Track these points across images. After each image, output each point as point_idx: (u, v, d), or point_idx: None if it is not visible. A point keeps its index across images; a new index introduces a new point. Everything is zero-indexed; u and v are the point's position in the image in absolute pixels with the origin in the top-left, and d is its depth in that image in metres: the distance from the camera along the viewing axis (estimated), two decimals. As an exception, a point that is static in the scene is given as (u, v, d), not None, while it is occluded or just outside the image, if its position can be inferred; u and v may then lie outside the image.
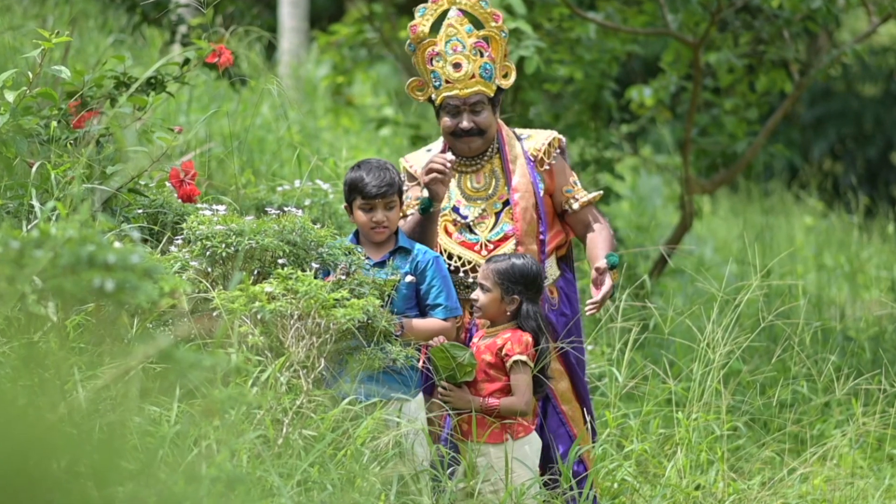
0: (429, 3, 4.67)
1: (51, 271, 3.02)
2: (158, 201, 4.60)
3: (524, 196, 4.64)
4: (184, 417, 3.63)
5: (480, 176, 4.69)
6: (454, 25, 4.61)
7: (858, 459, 5.53)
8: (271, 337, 4.04)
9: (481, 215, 4.67)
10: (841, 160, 17.04)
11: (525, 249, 4.59)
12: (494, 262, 4.44)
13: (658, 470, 5.23)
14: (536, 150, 4.72)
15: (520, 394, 4.32)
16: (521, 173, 4.67)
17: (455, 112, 4.61)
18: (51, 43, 4.45)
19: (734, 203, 13.11)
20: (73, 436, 3.14)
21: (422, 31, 4.64)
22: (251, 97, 8.51)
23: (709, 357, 5.00)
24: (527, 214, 4.63)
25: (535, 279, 4.42)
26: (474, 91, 4.58)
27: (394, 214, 4.41)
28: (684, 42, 8.08)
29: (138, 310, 3.89)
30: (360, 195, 4.40)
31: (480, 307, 4.42)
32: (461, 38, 4.60)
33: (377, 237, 4.42)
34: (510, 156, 4.68)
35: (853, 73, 16.60)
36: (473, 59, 4.59)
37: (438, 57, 4.60)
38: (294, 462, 3.72)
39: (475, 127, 4.61)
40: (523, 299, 4.38)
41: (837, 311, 8.16)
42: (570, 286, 4.81)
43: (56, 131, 4.44)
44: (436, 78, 4.62)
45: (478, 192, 4.69)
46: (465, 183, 4.70)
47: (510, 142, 4.71)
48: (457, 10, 4.65)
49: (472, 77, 4.59)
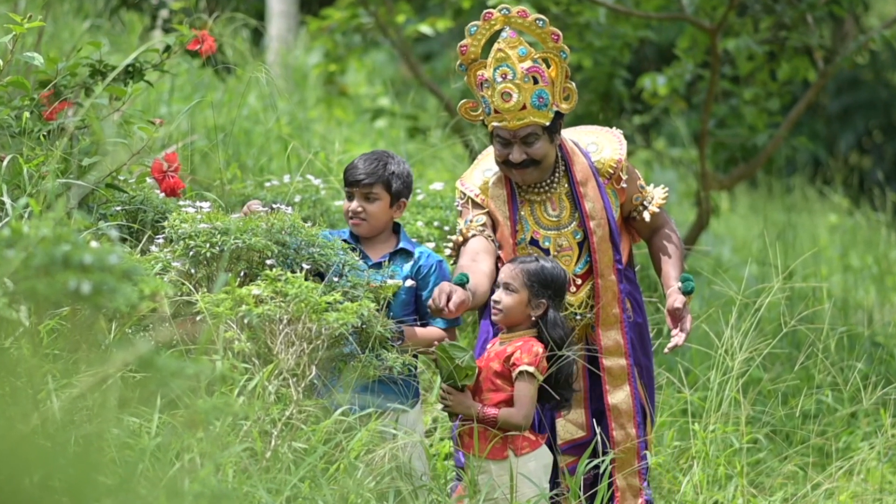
0: (480, 22, 4.54)
1: (23, 272, 3.02)
2: (138, 198, 4.60)
3: (600, 224, 4.58)
4: (165, 429, 3.63)
5: (554, 202, 4.61)
6: (504, 50, 4.46)
7: (887, 474, 5.53)
8: (259, 343, 4.04)
9: (563, 248, 4.61)
10: (868, 154, 17.05)
11: (604, 282, 4.56)
12: (522, 262, 4.40)
13: (673, 486, 5.24)
14: (612, 167, 4.63)
15: (520, 405, 4.27)
16: (593, 197, 4.59)
17: (506, 143, 4.50)
18: (23, 28, 4.45)
19: (754, 200, 13.12)
20: (46, 448, 3.14)
21: (472, 52, 4.53)
22: (237, 86, 8.51)
23: (727, 364, 5.01)
24: (603, 245, 4.58)
25: (563, 287, 4.41)
26: (525, 123, 4.46)
27: (374, 208, 4.44)
28: (701, 27, 8.08)
29: (116, 314, 3.89)
30: (344, 181, 4.51)
31: (503, 309, 4.36)
32: (511, 64, 4.44)
33: (354, 228, 4.48)
34: (579, 177, 4.58)
35: (882, 61, 16.59)
36: (525, 88, 4.44)
37: (487, 83, 4.49)
38: (283, 477, 3.72)
39: (528, 158, 4.50)
40: (550, 305, 4.37)
41: (864, 316, 8.17)
42: (635, 289, 4.78)
43: (28, 123, 4.45)
44: (486, 104, 4.52)
45: (554, 222, 4.61)
46: (540, 212, 4.61)
47: (576, 160, 4.60)
48: (510, 30, 4.50)
49: (523, 108, 4.45)
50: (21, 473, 2.84)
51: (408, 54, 9.09)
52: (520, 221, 4.61)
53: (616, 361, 4.60)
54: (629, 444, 4.60)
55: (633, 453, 4.61)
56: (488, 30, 4.55)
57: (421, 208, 6.06)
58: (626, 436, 4.61)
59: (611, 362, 4.59)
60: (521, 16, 4.52)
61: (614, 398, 4.60)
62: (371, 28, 9.03)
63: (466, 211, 4.65)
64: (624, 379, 4.60)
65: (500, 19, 4.52)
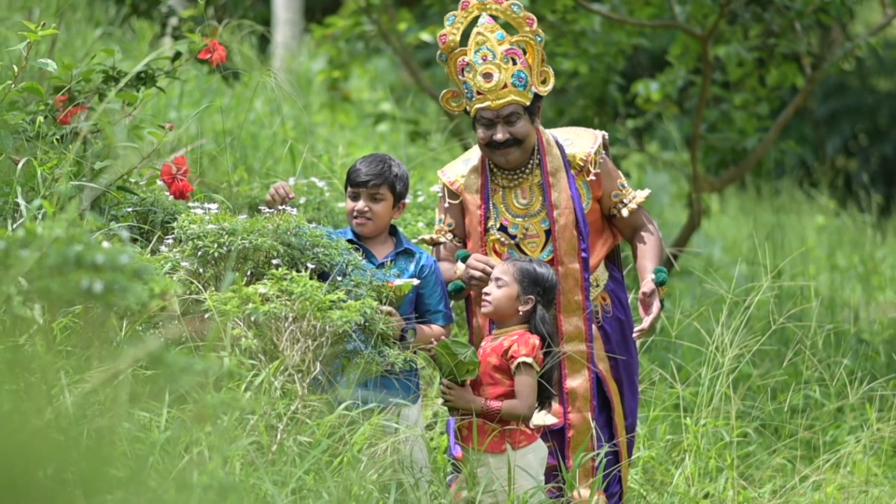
0: (458, 11, 4.57)
1: (37, 272, 3.02)
2: (149, 199, 4.60)
3: (563, 213, 4.58)
4: (174, 423, 3.63)
5: (525, 191, 4.63)
6: (483, 33, 4.51)
7: (873, 467, 5.53)
8: (265, 340, 4.04)
9: (529, 234, 4.63)
10: (854, 157, 17.05)
11: (565, 269, 4.55)
12: (516, 260, 4.42)
13: (665, 478, 5.23)
14: (582, 160, 4.63)
15: (522, 397, 4.29)
16: (561, 188, 4.59)
17: (489, 124, 4.52)
18: (37, 35, 4.45)
19: (744, 201, 13.11)
20: (59, 442, 3.14)
21: (452, 40, 4.54)
22: (244, 92, 8.51)
23: (718, 361, 5.01)
24: (566, 233, 4.57)
25: (552, 289, 4.41)
26: (507, 102, 4.49)
27: (379, 208, 4.43)
28: (692, 34, 8.08)
29: (127, 312, 3.89)
30: (350, 182, 4.46)
31: (492, 301, 4.37)
32: (491, 46, 4.49)
33: (358, 227, 4.45)
34: (550, 168, 4.60)
35: (868, 67, 16.60)
36: (505, 68, 4.48)
37: (469, 67, 4.51)
38: (289, 469, 3.72)
39: (511, 138, 4.52)
40: (538, 303, 4.38)
41: (851, 314, 8.16)
42: (619, 287, 4.78)
43: (42, 127, 4.45)
44: (468, 89, 4.53)
45: (523, 209, 4.63)
46: (510, 199, 4.63)
47: (550, 151, 4.62)
48: (487, 17, 4.55)
49: (504, 87, 4.49)
50: (35, 466, 2.84)
51: (409, 61, 9.09)
52: (491, 208, 4.62)
53: (576, 347, 4.59)
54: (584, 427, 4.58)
55: (585, 435, 4.59)
56: (466, 18, 4.58)
57: (421, 209, 6.06)
58: (582, 419, 4.59)
59: (570, 347, 4.58)
60: (497, 2, 4.57)
61: (572, 382, 4.59)
62: (373, 36, 9.03)
63: (442, 202, 4.71)
64: (583, 364, 4.58)
65: (477, 6, 4.57)
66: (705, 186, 8.63)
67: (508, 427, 4.29)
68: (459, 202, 4.68)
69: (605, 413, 4.63)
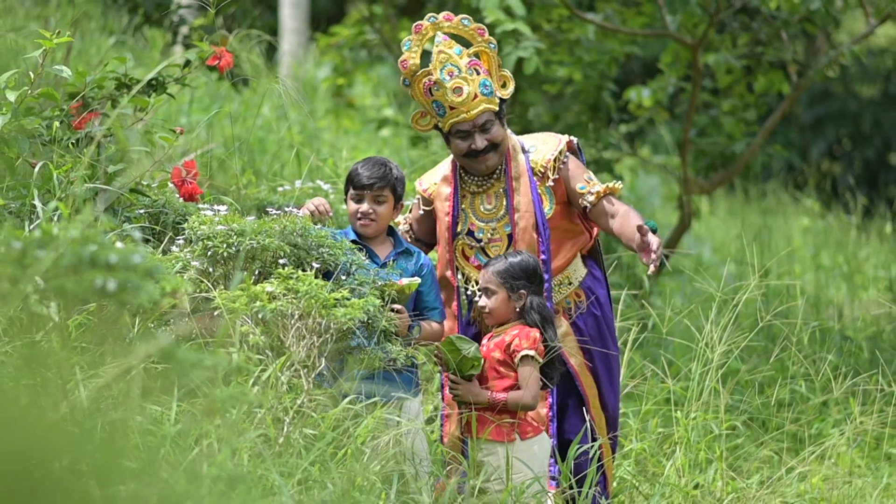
0: (413, 35, 4.58)
1: (53, 271, 3.02)
2: (160, 202, 4.60)
3: (523, 216, 4.58)
4: (185, 416, 3.63)
5: (491, 197, 4.64)
6: (444, 51, 4.53)
7: (856, 458, 5.53)
8: (272, 336, 4.04)
9: (493, 238, 4.64)
10: (839, 161, 17.04)
11: None
12: (492, 265, 4.43)
13: (657, 469, 5.23)
14: (542, 167, 4.63)
15: (527, 387, 4.33)
16: (523, 192, 4.60)
17: (466, 135, 4.55)
18: (52, 43, 4.45)
19: (732, 203, 13.11)
20: (74, 435, 3.14)
21: (413, 64, 4.54)
22: (252, 98, 8.51)
23: (707, 356, 5.00)
24: (526, 235, 4.57)
25: (535, 271, 4.42)
26: (481, 111, 4.52)
27: (382, 209, 4.43)
28: (683, 43, 8.08)
29: (140, 309, 3.89)
30: (352, 184, 4.45)
31: (490, 311, 4.41)
32: (454, 62, 4.52)
33: (361, 228, 4.44)
34: (514, 173, 4.61)
35: (851, 75, 16.60)
36: (471, 80, 4.52)
37: (437, 86, 4.52)
38: (295, 461, 3.72)
39: (489, 143, 4.55)
40: (529, 293, 4.39)
41: (835, 311, 8.17)
42: (598, 284, 4.75)
43: (58, 132, 4.44)
44: (438, 107, 4.55)
45: (489, 214, 4.64)
46: (477, 205, 4.65)
47: (515, 157, 4.63)
48: (442, 35, 4.57)
49: (475, 97, 4.52)
50: (51, 457, 2.84)
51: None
52: (461, 214, 4.64)
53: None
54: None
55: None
56: (422, 40, 4.59)
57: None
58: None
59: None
60: (447, 19, 4.60)
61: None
62: (376, 44, 9.02)
63: (416, 208, 4.77)
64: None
65: (430, 27, 4.59)
66: (695, 189, 8.63)
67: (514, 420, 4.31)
68: (431, 209, 4.71)
69: (580, 409, 4.62)
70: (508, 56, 6.96)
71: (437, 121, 4.60)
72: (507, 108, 4.65)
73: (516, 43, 7.21)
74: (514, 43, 7.15)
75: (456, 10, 8.16)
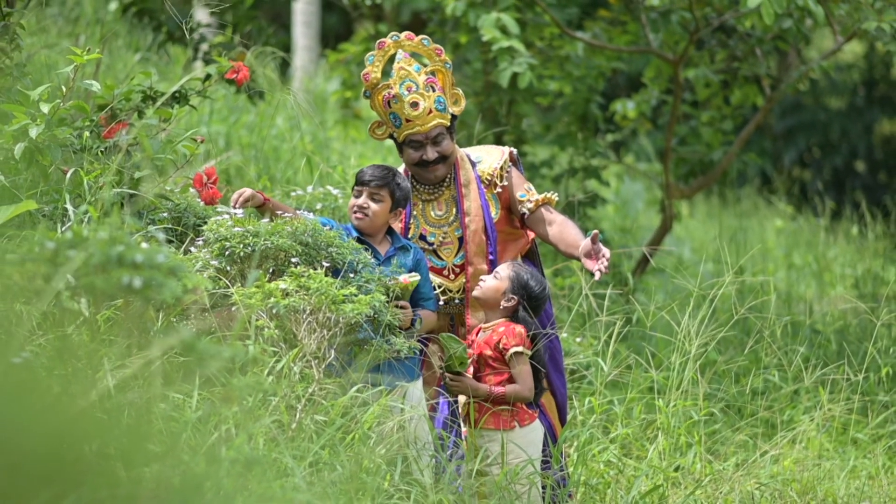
0: (376, 51, 4.62)
1: (83, 270, 3.02)
2: (182, 205, 4.60)
3: (474, 219, 4.62)
4: (205, 404, 3.63)
5: (441, 203, 4.67)
6: (405, 68, 4.58)
7: (825, 443, 5.53)
8: (285, 330, 4.04)
9: (444, 241, 4.65)
10: (809, 168, 17.05)
11: (474, 269, 4.59)
12: (519, 265, 4.47)
13: (641, 452, 5.24)
14: (490, 175, 4.68)
15: (521, 381, 4.37)
16: (473, 198, 4.64)
17: (419, 146, 4.59)
18: (83, 59, 4.45)
19: (710, 207, 13.11)
20: (103, 421, 3.14)
21: (374, 77, 4.59)
22: (267, 110, 8.50)
23: (686, 348, 5.01)
24: (476, 237, 4.61)
25: (537, 299, 4.43)
26: (434, 125, 4.57)
27: (377, 207, 4.41)
28: (665, 59, 8.08)
29: (163, 305, 3.89)
30: (356, 181, 4.48)
31: (482, 286, 4.43)
32: (413, 78, 4.56)
33: (356, 221, 4.44)
34: (463, 180, 4.65)
35: (820, 88, 16.60)
36: (427, 96, 4.56)
37: (395, 99, 4.57)
38: (306, 445, 3.72)
39: (439, 155, 4.59)
40: (521, 306, 4.41)
41: (805, 306, 8.16)
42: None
43: (88, 141, 4.45)
44: (395, 118, 4.60)
45: (440, 219, 4.67)
46: (428, 211, 4.68)
47: (464, 166, 4.68)
48: (403, 52, 4.61)
49: (430, 112, 4.56)
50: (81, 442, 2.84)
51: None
52: (413, 219, 4.66)
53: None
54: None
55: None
56: (384, 56, 4.62)
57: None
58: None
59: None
60: (409, 38, 4.63)
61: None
62: (382, 60, 9.00)
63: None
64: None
65: (393, 45, 4.62)
66: (676, 194, 8.63)
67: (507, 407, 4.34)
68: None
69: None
70: (504, 71, 6.96)
71: (393, 131, 4.64)
72: (498, 114, 4.68)
73: (511, 59, 7.20)
74: (509, 59, 7.14)
75: (455, 29, 8.17)
